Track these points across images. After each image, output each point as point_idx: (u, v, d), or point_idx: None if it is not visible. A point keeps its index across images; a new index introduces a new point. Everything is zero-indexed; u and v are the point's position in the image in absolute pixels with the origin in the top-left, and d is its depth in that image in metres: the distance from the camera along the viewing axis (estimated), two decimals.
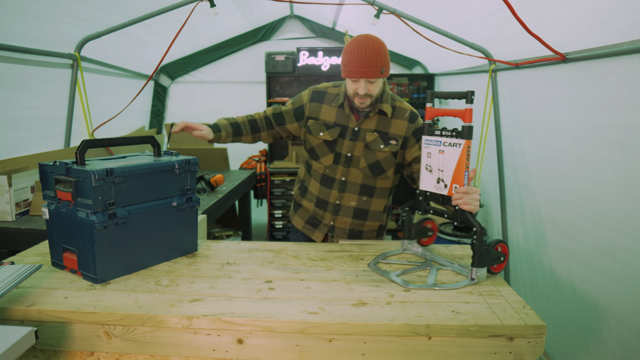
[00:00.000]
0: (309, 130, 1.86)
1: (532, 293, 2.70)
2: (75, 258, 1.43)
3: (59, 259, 1.50)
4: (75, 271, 1.46)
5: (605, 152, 1.95)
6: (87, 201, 1.37)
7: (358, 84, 1.68)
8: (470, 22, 2.85)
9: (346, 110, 1.80)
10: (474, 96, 1.45)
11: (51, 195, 1.47)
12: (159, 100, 4.75)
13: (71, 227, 1.42)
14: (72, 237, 1.43)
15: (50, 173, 1.46)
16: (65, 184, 1.42)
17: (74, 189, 1.38)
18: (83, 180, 1.37)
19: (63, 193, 1.41)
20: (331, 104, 1.84)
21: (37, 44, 2.66)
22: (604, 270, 1.96)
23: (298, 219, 2.04)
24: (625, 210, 1.82)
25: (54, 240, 1.50)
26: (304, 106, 1.88)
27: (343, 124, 1.82)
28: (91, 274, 1.41)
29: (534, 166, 2.67)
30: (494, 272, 1.49)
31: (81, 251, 1.42)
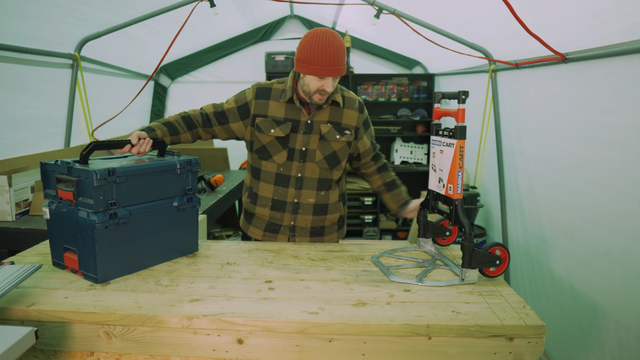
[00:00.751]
0: (258, 128, 1.79)
1: (532, 293, 2.70)
2: (76, 258, 1.43)
3: (60, 259, 1.50)
4: (76, 271, 1.45)
5: (605, 152, 1.95)
6: (89, 201, 1.37)
7: (325, 82, 1.66)
8: (470, 22, 2.85)
9: (296, 104, 1.77)
10: (466, 96, 1.45)
11: (52, 194, 1.46)
12: (159, 100, 4.75)
13: (72, 226, 1.42)
14: (72, 236, 1.43)
15: (52, 172, 1.46)
16: (66, 183, 1.41)
17: (76, 189, 1.38)
18: (85, 179, 1.36)
19: (64, 192, 1.41)
20: (279, 99, 1.79)
21: (37, 44, 2.66)
22: (602, 272, 1.96)
23: (255, 229, 1.93)
24: (624, 212, 1.82)
25: (54, 240, 1.50)
26: (248, 104, 1.80)
27: (294, 119, 1.78)
28: (92, 274, 1.41)
29: (534, 166, 2.67)
30: (490, 275, 1.46)
31: (82, 251, 1.41)
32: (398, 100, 4.83)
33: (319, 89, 1.68)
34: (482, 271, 1.46)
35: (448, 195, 1.50)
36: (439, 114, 1.60)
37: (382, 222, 4.88)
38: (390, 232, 4.90)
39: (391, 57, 4.82)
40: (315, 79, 1.66)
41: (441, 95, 1.59)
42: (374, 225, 4.89)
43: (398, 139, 4.96)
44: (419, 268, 1.57)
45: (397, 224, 4.86)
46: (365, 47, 4.72)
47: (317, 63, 1.62)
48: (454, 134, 1.46)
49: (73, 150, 3.00)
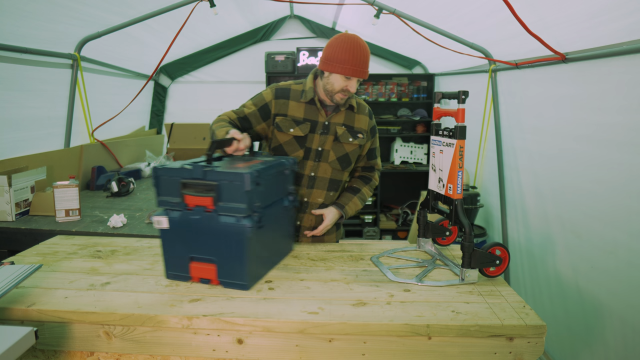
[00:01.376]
0: (277, 127, 1.80)
1: (534, 293, 2.70)
2: (211, 267, 1.36)
3: (182, 270, 1.40)
4: (208, 281, 1.39)
5: (607, 151, 1.95)
6: (237, 205, 1.31)
7: (350, 82, 1.72)
8: (470, 22, 2.85)
9: (317, 105, 1.81)
10: (466, 96, 1.45)
11: (174, 201, 1.36)
12: (159, 100, 4.75)
13: (208, 234, 1.34)
14: (207, 245, 1.35)
15: (172, 177, 1.35)
16: (197, 188, 1.33)
17: (217, 193, 1.31)
18: (230, 183, 1.30)
19: (197, 198, 1.33)
20: (298, 100, 1.82)
21: (37, 44, 2.66)
22: (608, 270, 1.96)
23: None
24: (630, 210, 1.82)
25: (174, 251, 1.39)
26: (268, 104, 1.82)
27: (313, 119, 1.82)
28: (238, 281, 1.36)
29: (534, 166, 2.67)
30: (490, 275, 1.47)
31: (224, 259, 1.35)
32: (398, 100, 4.83)
33: (344, 88, 1.73)
34: (482, 271, 1.46)
35: (448, 195, 1.50)
36: (439, 114, 1.61)
37: (382, 222, 4.88)
38: (390, 232, 4.90)
39: (391, 57, 4.82)
40: (342, 78, 1.71)
41: (441, 95, 1.59)
42: (374, 225, 4.89)
43: (398, 139, 4.97)
44: (419, 268, 1.57)
45: (397, 224, 4.86)
46: None
47: (347, 63, 1.68)
48: (454, 134, 1.46)
49: (73, 150, 3.00)
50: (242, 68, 4.86)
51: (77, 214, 2.25)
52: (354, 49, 1.68)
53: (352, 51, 1.68)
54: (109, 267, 1.55)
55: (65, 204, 2.21)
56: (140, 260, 1.62)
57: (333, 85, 1.74)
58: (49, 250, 1.71)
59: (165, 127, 4.19)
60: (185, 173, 1.34)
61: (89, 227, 2.13)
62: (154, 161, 3.68)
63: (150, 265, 1.57)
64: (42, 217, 2.30)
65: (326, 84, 1.76)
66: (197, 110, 4.84)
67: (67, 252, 1.70)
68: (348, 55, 1.68)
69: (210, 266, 1.37)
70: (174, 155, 3.96)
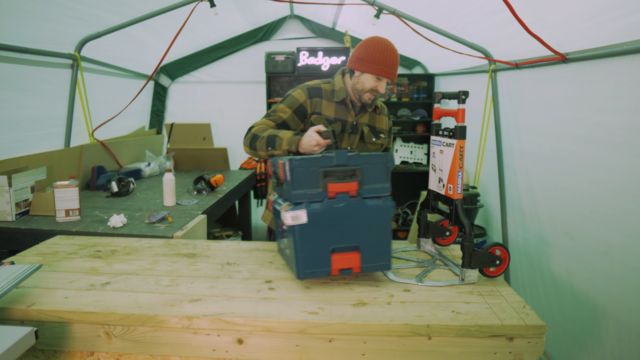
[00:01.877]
0: (312, 125, 1.81)
1: (532, 293, 2.70)
2: (354, 255, 1.35)
3: (322, 265, 1.35)
4: (349, 271, 1.37)
5: (606, 152, 1.95)
6: (382, 185, 1.33)
7: (380, 83, 1.76)
8: (470, 22, 2.85)
9: (349, 105, 1.85)
10: (466, 96, 1.45)
11: (313, 192, 1.32)
12: (159, 100, 4.75)
13: (353, 220, 1.33)
14: (351, 232, 1.34)
15: (310, 168, 1.32)
16: (339, 174, 1.32)
17: (361, 177, 1.31)
18: (374, 165, 1.32)
19: (340, 185, 1.32)
20: (331, 99, 1.84)
21: (37, 44, 2.65)
22: (603, 271, 1.96)
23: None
24: (626, 211, 1.82)
25: (313, 246, 1.33)
26: (303, 104, 1.84)
27: (343, 119, 1.85)
28: (382, 262, 1.37)
29: (534, 166, 2.67)
30: (490, 275, 1.47)
31: (369, 243, 1.34)
32: (398, 100, 4.83)
33: (374, 88, 1.77)
34: (482, 271, 1.46)
35: (448, 195, 1.50)
36: (439, 114, 1.61)
37: None
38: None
39: None
40: (373, 78, 1.75)
41: (441, 96, 1.59)
42: None
43: (398, 139, 4.97)
44: (419, 268, 1.57)
45: (397, 224, 4.85)
46: None
47: (380, 63, 1.72)
48: (454, 134, 1.46)
49: (73, 150, 3.00)
50: (242, 68, 4.86)
51: (77, 214, 2.25)
52: (387, 51, 1.73)
53: (385, 52, 1.73)
54: (109, 267, 1.55)
55: (65, 204, 2.21)
56: (140, 260, 1.62)
57: (364, 84, 1.77)
58: (49, 250, 1.71)
59: (165, 127, 4.19)
60: (327, 161, 1.33)
61: (89, 227, 2.13)
62: (154, 161, 3.68)
63: (150, 265, 1.58)
64: (42, 217, 2.30)
65: (356, 83, 1.80)
66: (197, 110, 4.84)
67: (67, 252, 1.70)
68: (381, 55, 1.72)
69: (353, 254, 1.35)
70: (174, 155, 3.96)
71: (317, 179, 1.32)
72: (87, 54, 3.20)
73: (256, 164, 4.50)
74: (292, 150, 1.63)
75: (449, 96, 1.53)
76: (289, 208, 1.32)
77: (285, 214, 1.30)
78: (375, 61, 1.73)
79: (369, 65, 1.74)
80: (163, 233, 2.04)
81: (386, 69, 1.73)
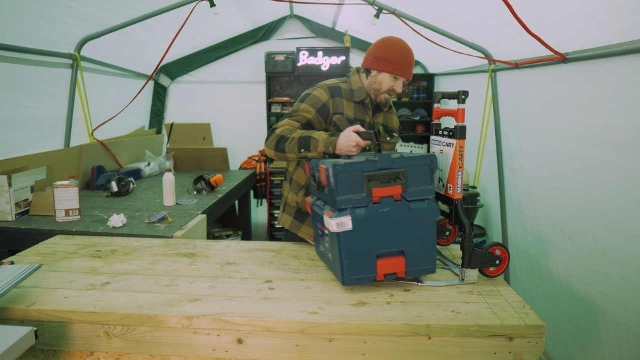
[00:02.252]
0: (336, 126, 1.78)
1: (531, 293, 2.70)
2: (399, 260, 1.33)
3: (367, 272, 1.33)
4: (394, 275, 1.35)
5: (604, 152, 1.95)
6: (426, 187, 1.32)
7: (397, 83, 1.76)
8: (470, 22, 2.85)
9: (368, 106, 1.82)
10: (466, 97, 1.45)
11: (357, 198, 1.29)
12: (159, 100, 4.75)
13: (398, 224, 1.31)
14: (397, 236, 1.32)
15: (353, 173, 1.29)
16: (383, 178, 1.30)
17: (406, 180, 1.30)
18: (418, 167, 1.30)
19: (385, 189, 1.29)
20: (350, 99, 1.82)
21: (37, 44, 2.65)
22: (601, 271, 1.96)
23: (308, 229, 1.86)
24: (623, 211, 1.82)
25: (359, 252, 1.31)
26: (326, 104, 1.78)
27: (362, 119, 1.83)
28: (427, 266, 1.35)
29: (533, 166, 2.67)
30: (490, 275, 1.47)
31: (414, 247, 1.32)
32: (398, 100, 4.83)
33: (391, 88, 1.76)
34: (482, 271, 1.46)
35: (448, 195, 1.50)
36: (439, 114, 1.61)
37: None
38: None
39: None
40: (391, 78, 1.75)
41: (441, 96, 1.59)
42: None
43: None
44: None
45: None
46: (365, 47, 4.71)
47: (398, 63, 1.73)
48: (454, 134, 1.46)
49: (73, 150, 3.00)
50: (242, 68, 4.86)
51: (77, 214, 2.25)
52: (403, 50, 1.74)
53: (401, 52, 1.73)
54: (109, 267, 1.55)
55: (65, 204, 2.21)
56: (140, 260, 1.63)
57: (381, 84, 1.77)
58: (49, 250, 1.72)
59: (165, 127, 4.19)
60: (371, 165, 1.30)
61: (89, 227, 2.13)
62: (154, 161, 3.68)
63: (150, 265, 1.58)
64: (42, 217, 2.30)
65: (373, 83, 1.78)
66: (197, 110, 4.84)
67: (67, 252, 1.70)
68: (398, 55, 1.73)
69: (398, 259, 1.34)
70: (174, 155, 3.96)
71: (361, 183, 1.30)
72: (87, 54, 3.20)
73: (256, 164, 4.50)
74: (329, 152, 1.56)
75: (449, 96, 1.53)
76: (333, 215, 1.29)
77: (331, 221, 1.28)
78: (393, 60, 1.72)
79: (387, 64, 1.73)
80: (163, 233, 2.04)
81: (403, 68, 1.73)
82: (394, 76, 1.74)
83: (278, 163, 4.65)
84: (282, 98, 4.79)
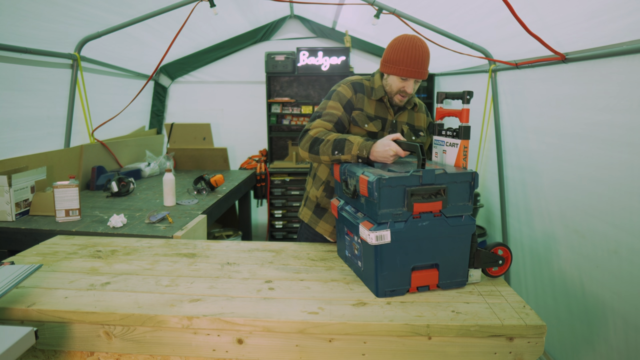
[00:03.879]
0: (354, 121, 1.78)
1: (536, 292, 2.70)
2: (433, 272, 1.36)
3: (401, 284, 1.35)
4: (426, 287, 1.37)
5: (605, 151, 1.95)
6: (464, 204, 1.35)
7: (407, 83, 1.73)
8: (470, 22, 2.84)
9: (387, 105, 1.82)
10: (471, 97, 1.45)
11: (398, 212, 1.30)
12: (159, 100, 4.75)
13: (435, 238, 1.34)
14: (432, 250, 1.35)
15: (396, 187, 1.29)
16: (424, 194, 1.31)
17: (446, 196, 1.32)
18: (459, 183, 1.33)
19: (425, 205, 1.31)
20: (370, 97, 1.82)
21: (37, 44, 2.65)
22: (612, 270, 1.96)
23: (325, 225, 1.89)
24: (632, 210, 1.81)
25: (394, 264, 1.33)
26: (351, 100, 1.80)
27: (383, 117, 1.83)
28: (459, 279, 1.38)
29: (535, 165, 2.67)
30: (492, 275, 1.47)
31: (448, 260, 1.36)
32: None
33: (400, 89, 1.74)
34: (485, 271, 1.46)
35: None
36: (442, 114, 1.60)
37: None
38: None
39: None
40: (398, 79, 1.73)
41: (444, 96, 1.59)
42: None
43: None
44: None
45: None
46: (365, 47, 4.72)
47: (401, 64, 1.69)
48: (458, 134, 1.46)
49: (73, 150, 2.99)
50: (242, 68, 4.86)
51: (77, 214, 2.25)
52: (409, 49, 1.68)
53: (406, 51, 1.68)
54: (109, 267, 1.55)
55: (65, 204, 2.21)
56: (140, 260, 1.63)
57: (391, 86, 1.76)
58: (49, 250, 1.72)
59: (165, 127, 4.19)
60: (414, 180, 1.30)
61: (89, 227, 2.13)
62: (154, 161, 3.68)
63: (150, 265, 1.58)
64: (42, 217, 2.30)
65: (385, 85, 1.78)
66: (197, 110, 4.84)
67: (67, 252, 1.70)
68: (403, 55, 1.69)
69: (432, 272, 1.36)
70: (174, 155, 3.96)
71: (402, 197, 1.30)
72: (87, 54, 3.20)
73: (256, 164, 4.50)
74: (363, 156, 1.55)
75: (452, 96, 1.53)
76: (372, 227, 1.29)
77: (370, 233, 1.28)
78: (398, 62, 1.70)
79: (392, 66, 1.71)
80: (163, 233, 2.04)
81: (409, 68, 1.68)
82: (401, 77, 1.71)
83: (278, 163, 4.65)
84: (282, 98, 4.79)
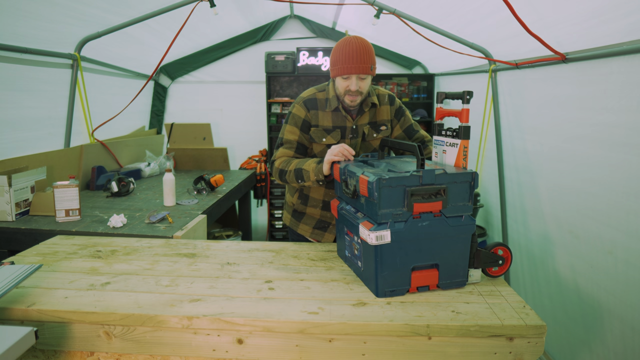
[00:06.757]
0: (312, 138, 1.85)
1: (534, 293, 2.70)
2: (433, 273, 1.36)
3: (401, 284, 1.35)
4: (426, 288, 1.38)
5: (607, 151, 1.95)
6: (464, 204, 1.35)
7: (349, 81, 1.72)
8: (470, 22, 2.85)
9: (342, 113, 1.83)
10: (471, 97, 1.45)
11: (398, 212, 1.30)
12: (159, 100, 4.75)
13: (435, 239, 1.34)
14: (432, 250, 1.35)
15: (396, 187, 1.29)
16: (424, 194, 1.31)
17: (446, 196, 1.32)
18: (459, 183, 1.33)
19: (425, 205, 1.31)
20: (325, 109, 1.84)
21: (37, 44, 2.65)
22: (607, 271, 1.96)
23: (305, 226, 2.00)
24: (629, 210, 1.82)
25: (394, 264, 1.33)
26: (305, 119, 1.84)
27: (342, 125, 1.85)
28: (458, 279, 1.39)
29: (535, 166, 2.67)
30: (492, 275, 1.47)
31: (448, 261, 1.36)
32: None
33: (346, 89, 1.74)
34: (485, 271, 1.46)
35: None
36: (442, 114, 1.60)
37: None
38: None
39: (391, 57, 4.81)
40: (341, 79, 1.73)
41: (444, 96, 1.59)
42: None
43: None
44: None
45: None
46: None
47: (339, 63, 1.71)
48: (458, 134, 1.46)
49: (73, 150, 3.00)
50: (242, 68, 4.86)
51: (77, 214, 2.25)
52: (344, 48, 1.69)
53: (342, 50, 1.70)
54: (109, 267, 1.55)
55: (65, 204, 2.21)
56: (140, 260, 1.63)
57: (338, 89, 1.77)
58: (49, 250, 1.72)
59: (165, 127, 4.19)
60: (415, 180, 1.30)
61: (89, 227, 2.13)
62: (154, 161, 3.68)
63: (150, 265, 1.58)
64: (42, 217, 2.30)
65: (334, 89, 1.80)
66: (197, 110, 4.84)
67: (67, 252, 1.70)
68: (339, 55, 1.71)
69: (432, 272, 1.36)
70: (174, 155, 3.96)
71: (402, 197, 1.30)
72: (87, 54, 3.20)
73: (256, 164, 4.50)
74: (321, 179, 1.68)
75: (452, 96, 1.53)
76: (372, 227, 1.29)
77: (370, 233, 1.28)
78: (336, 62, 1.72)
79: (333, 68, 1.74)
80: (163, 233, 2.04)
81: (346, 65, 1.68)
82: (342, 77, 1.72)
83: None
84: (282, 98, 4.79)
